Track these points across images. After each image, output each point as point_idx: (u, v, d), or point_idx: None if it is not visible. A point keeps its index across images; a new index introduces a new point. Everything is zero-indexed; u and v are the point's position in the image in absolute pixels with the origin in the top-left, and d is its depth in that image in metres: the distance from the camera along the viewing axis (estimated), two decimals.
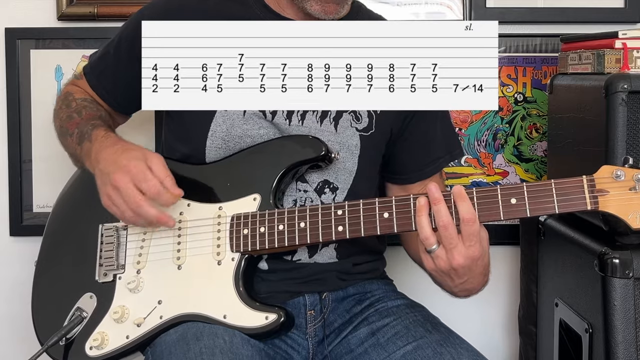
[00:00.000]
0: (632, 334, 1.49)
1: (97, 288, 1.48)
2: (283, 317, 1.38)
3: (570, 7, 2.06)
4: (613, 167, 1.27)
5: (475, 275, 1.34)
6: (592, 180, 1.28)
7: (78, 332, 1.45)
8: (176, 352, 1.32)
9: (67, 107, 1.60)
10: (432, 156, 1.60)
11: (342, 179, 1.52)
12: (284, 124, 1.49)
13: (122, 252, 1.49)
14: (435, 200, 1.29)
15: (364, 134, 1.52)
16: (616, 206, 1.26)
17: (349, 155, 1.52)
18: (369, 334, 1.48)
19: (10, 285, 2.14)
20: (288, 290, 1.50)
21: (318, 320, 1.52)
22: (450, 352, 1.38)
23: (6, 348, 2.15)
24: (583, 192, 1.27)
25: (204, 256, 1.43)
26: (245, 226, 1.42)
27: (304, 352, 1.51)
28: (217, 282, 1.41)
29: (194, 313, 1.40)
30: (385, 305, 1.54)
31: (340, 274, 1.55)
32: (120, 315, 1.43)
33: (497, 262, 2.16)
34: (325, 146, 1.44)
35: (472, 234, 1.28)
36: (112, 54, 1.61)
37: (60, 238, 1.57)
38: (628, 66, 1.62)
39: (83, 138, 1.51)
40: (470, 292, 1.39)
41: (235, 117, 1.48)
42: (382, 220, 1.34)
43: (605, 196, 1.27)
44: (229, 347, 1.31)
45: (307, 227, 1.38)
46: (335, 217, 1.37)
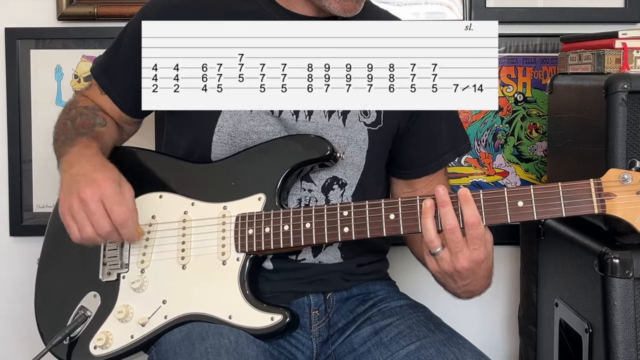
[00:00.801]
0: (632, 334, 1.49)
1: (101, 287, 1.47)
2: (289, 317, 1.37)
3: (570, 7, 2.06)
4: (620, 170, 1.27)
5: (479, 278, 1.34)
6: (600, 184, 1.27)
7: (82, 332, 1.45)
8: (181, 352, 1.31)
9: (66, 115, 1.59)
10: (437, 151, 1.60)
11: (350, 175, 1.52)
12: (291, 119, 1.48)
13: (126, 251, 1.48)
14: (443, 202, 1.28)
15: (372, 128, 1.52)
16: (623, 210, 1.25)
17: (357, 150, 1.51)
18: (372, 334, 1.48)
19: (11, 285, 2.14)
20: (292, 290, 1.50)
21: (322, 321, 1.52)
22: (454, 352, 1.38)
23: (6, 348, 2.15)
24: (590, 196, 1.26)
25: (209, 256, 1.43)
26: (250, 226, 1.42)
27: (308, 352, 1.51)
28: (222, 282, 1.41)
29: (198, 313, 1.40)
30: (388, 305, 1.54)
31: (344, 274, 1.55)
32: (124, 315, 1.42)
33: (497, 262, 2.12)
34: (330, 146, 1.44)
35: (476, 237, 1.28)
36: (120, 54, 1.58)
37: (63, 236, 1.55)
38: (628, 66, 1.62)
39: (66, 142, 1.49)
40: (473, 294, 1.39)
41: (243, 113, 1.48)
42: (388, 222, 1.34)
43: (612, 200, 1.26)
44: (235, 347, 1.31)
45: (312, 228, 1.38)
46: (342, 218, 1.37)
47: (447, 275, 1.32)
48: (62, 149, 1.48)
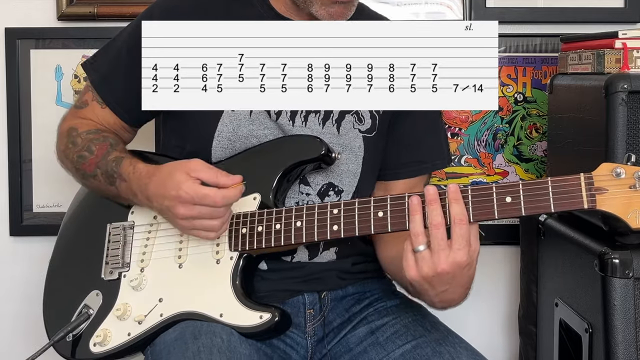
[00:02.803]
0: (632, 334, 1.49)
1: (103, 286, 1.49)
2: (277, 317, 1.37)
3: (570, 7, 2.06)
4: (613, 164, 1.22)
5: (457, 286, 1.30)
6: (591, 178, 1.22)
7: (84, 329, 1.47)
8: (174, 351, 1.32)
9: (74, 145, 1.54)
10: (414, 157, 1.57)
11: (346, 182, 1.52)
12: (287, 124, 1.49)
13: (127, 251, 1.50)
14: (431, 201, 1.26)
15: (367, 135, 1.52)
16: (615, 205, 1.21)
17: (353, 157, 1.52)
18: (368, 333, 1.48)
19: (11, 285, 2.14)
20: (287, 289, 1.50)
21: (317, 320, 1.52)
22: (449, 351, 1.38)
23: (6, 347, 2.15)
24: (580, 191, 1.22)
25: (204, 255, 1.44)
26: (244, 225, 1.42)
27: (302, 352, 1.51)
28: (215, 280, 1.42)
29: (192, 311, 1.41)
30: (384, 304, 1.54)
31: (340, 273, 1.54)
32: (122, 313, 1.44)
33: (497, 262, 2.16)
34: (325, 146, 1.44)
35: (461, 236, 1.24)
36: (120, 62, 1.56)
37: (72, 237, 1.59)
38: (628, 66, 1.62)
39: (113, 179, 1.47)
40: (450, 304, 1.35)
41: (242, 118, 1.48)
42: (376, 219, 1.33)
43: (603, 194, 1.21)
44: (227, 346, 1.31)
45: (303, 226, 1.38)
46: (331, 216, 1.36)
47: (425, 280, 1.27)
48: (119, 186, 1.46)
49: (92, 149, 1.52)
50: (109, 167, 1.48)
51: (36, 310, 1.59)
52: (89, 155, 1.52)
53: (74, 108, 1.63)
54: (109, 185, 1.49)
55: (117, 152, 1.50)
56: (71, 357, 1.47)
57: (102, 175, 1.49)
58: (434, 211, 1.26)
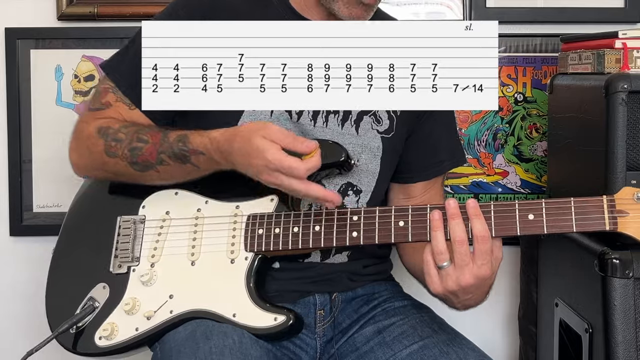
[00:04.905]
0: (632, 334, 1.49)
1: (111, 279, 1.48)
2: (292, 319, 1.37)
3: (570, 7, 2.06)
4: (634, 188, 1.26)
5: (480, 294, 1.33)
6: (613, 201, 1.26)
7: (89, 322, 1.46)
8: (185, 350, 1.31)
9: (118, 141, 1.47)
10: (436, 158, 1.60)
11: (365, 182, 1.52)
12: (309, 124, 1.49)
13: (137, 245, 1.49)
14: (453, 215, 1.27)
15: (385, 135, 1.53)
16: (636, 228, 1.25)
17: (372, 158, 1.52)
18: (375, 333, 1.49)
19: (11, 284, 2.14)
20: (298, 290, 1.51)
21: (327, 320, 1.52)
22: (457, 352, 1.39)
23: (6, 347, 2.15)
24: (602, 212, 1.26)
25: (218, 254, 1.44)
26: (260, 226, 1.42)
27: (311, 352, 1.51)
28: (229, 280, 1.41)
29: (203, 309, 1.40)
30: (392, 305, 1.54)
31: (350, 275, 1.55)
32: (131, 307, 1.43)
33: None
34: (345, 152, 1.42)
35: (484, 252, 1.26)
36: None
37: (79, 228, 1.57)
38: (628, 66, 1.62)
39: (186, 157, 1.42)
40: (470, 307, 1.38)
41: (263, 118, 1.48)
42: (397, 229, 1.34)
43: (625, 217, 1.25)
44: (239, 347, 1.31)
45: (321, 231, 1.38)
46: (351, 223, 1.37)
47: (451, 293, 1.29)
48: (199, 158, 1.41)
49: (144, 138, 1.46)
50: (175, 147, 1.42)
51: (36, 310, 1.58)
52: (143, 145, 1.45)
53: (91, 111, 1.55)
54: (182, 164, 1.43)
55: (173, 133, 1.45)
56: (75, 349, 1.46)
57: (170, 159, 1.43)
58: (456, 226, 1.26)
